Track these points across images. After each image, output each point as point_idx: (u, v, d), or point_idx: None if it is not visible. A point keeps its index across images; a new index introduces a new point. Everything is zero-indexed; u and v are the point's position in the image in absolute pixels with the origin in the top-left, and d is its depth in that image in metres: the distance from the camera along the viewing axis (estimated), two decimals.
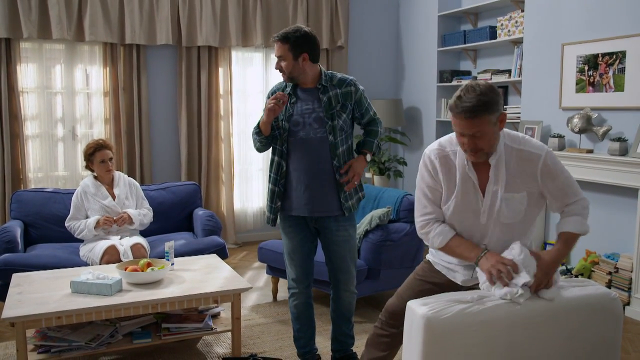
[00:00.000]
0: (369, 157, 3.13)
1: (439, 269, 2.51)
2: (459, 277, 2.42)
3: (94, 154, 4.08)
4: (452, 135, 2.34)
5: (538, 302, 2.14)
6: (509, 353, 2.09)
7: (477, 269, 2.24)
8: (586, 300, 2.19)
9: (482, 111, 2.11)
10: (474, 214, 2.32)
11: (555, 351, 2.16)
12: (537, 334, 2.12)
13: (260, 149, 3.06)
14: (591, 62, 4.53)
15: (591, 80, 4.54)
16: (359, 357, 3.27)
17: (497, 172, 2.26)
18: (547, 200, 2.31)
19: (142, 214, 4.20)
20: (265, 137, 2.97)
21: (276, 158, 3.02)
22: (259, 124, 2.95)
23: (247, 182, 6.40)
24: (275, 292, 4.46)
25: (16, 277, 3.40)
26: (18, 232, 4.09)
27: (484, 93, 2.11)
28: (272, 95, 2.98)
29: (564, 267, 4.71)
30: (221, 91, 6.03)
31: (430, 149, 2.39)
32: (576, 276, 4.50)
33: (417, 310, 2.06)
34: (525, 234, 2.36)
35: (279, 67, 2.93)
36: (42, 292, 3.13)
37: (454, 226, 2.37)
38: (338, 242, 3.08)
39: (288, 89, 3.00)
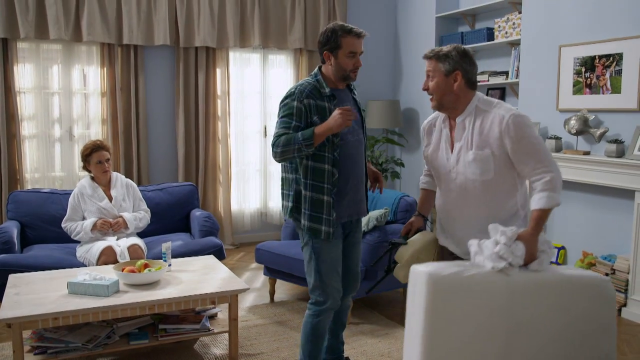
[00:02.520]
0: None
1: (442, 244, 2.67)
2: (452, 248, 2.61)
3: (91, 154, 4.08)
4: None
5: (530, 273, 2.25)
6: (508, 316, 2.18)
7: (470, 241, 2.32)
8: (579, 277, 2.33)
9: (433, 57, 2.49)
10: (444, 169, 2.52)
11: (551, 324, 2.24)
12: (534, 301, 2.22)
13: (290, 160, 2.78)
14: (588, 64, 4.54)
15: (588, 82, 4.56)
16: None
17: (463, 130, 2.45)
18: (515, 164, 2.39)
19: (139, 217, 4.20)
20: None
21: (327, 167, 2.75)
22: (311, 135, 2.63)
23: (245, 183, 6.40)
24: (272, 293, 4.46)
25: (13, 278, 3.39)
26: (15, 233, 4.09)
27: (450, 50, 2.47)
28: (304, 96, 2.73)
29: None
30: (219, 92, 6.03)
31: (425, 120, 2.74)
32: None
33: (420, 269, 2.18)
34: (501, 204, 2.44)
35: None
36: (38, 293, 3.12)
37: (437, 184, 2.63)
38: (355, 244, 3.07)
39: (327, 90, 2.80)
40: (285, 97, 2.78)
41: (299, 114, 2.72)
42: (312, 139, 2.64)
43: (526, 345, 2.21)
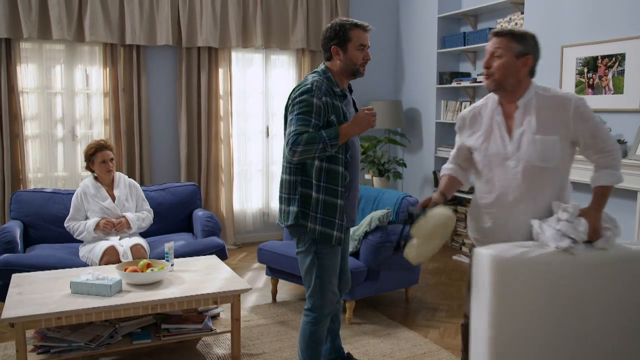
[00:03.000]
0: None
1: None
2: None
3: (95, 154, 4.09)
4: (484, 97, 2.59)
5: (595, 251, 2.23)
6: (574, 296, 2.18)
7: (532, 221, 2.32)
8: None
9: (508, 35, 2.37)
10: (500, 157, 2.42)
11: (618, 302, 2.24)
12: (600, 280, 2.21)
13: (308, 160, 2.67)
14: (590, 64, 4.54)
15: (590, 82, 4.55)
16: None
17: (525, 114, 2.38)
18: (580, 147, 2.39)
19: (142, 217, 4.20)
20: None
21: (341, 169, 2.68)
22: (337, 135, 2.60)
23: (247, 183, 6.40)
24: (274, 293, 4.47)
25: (16, 278, 3.40)
26: (18, 233, 4.09)
27: (526, 32, 2.40)
28: (322, 94, 2.65)
29: None
30: (221, 92, 6.03)
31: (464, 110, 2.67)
32: None
33: (484, 252, 2.18)
34: (558, 189, 2.41)
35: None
36: (41, 293, 3.13)
37: (485, 175, 2.49)
38: (347, 247, 3.07)
39: (338, 89, 2.75)
40: (302, 93, 2.64)
41: (318, 112, 2.62)
42: (338, 138, 2.59)
43: (593, 323, 2.21)
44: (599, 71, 4.48)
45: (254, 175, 6.44)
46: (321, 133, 2.59)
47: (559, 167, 2.39)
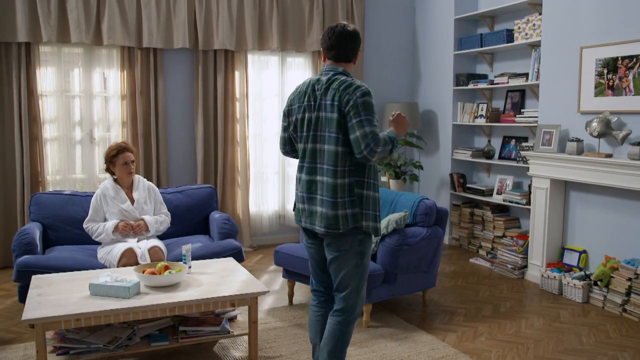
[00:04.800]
0: None
1: None
2: None
3: (117, 156, 4.11)
4: None
5: None
6: None
7: None
8: None
9: None
10: None
11: None
12: None
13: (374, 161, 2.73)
14: (610, 65, 4.48)
15: (610, 83, 4.50)
16: None
17: None
18: None
19: (160, 221, 4.22)
20: None
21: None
22: (396, 136, 2.70)
23: (263, 185, 6.41)
24: (291, 295, 4.46)
25: (36, 279, 3.43)
26: (37, 234, 4.13)
27: None
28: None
29: (582, 273, 4.66)
30: (237, 94, 6.05)
31: None
32: (595, 282, 4.45)
33: None
34: None
35: None
36: (61, 294, 3.15)
37: None
38: None
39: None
40: (364, 94, 2.60)
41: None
42: (396, 137, 2.70)
43: None
44: (619, 72, 4.42)
45: (270, 178, 6.44)
46: (389, 134, 2.66)
47: None
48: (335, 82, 2.67)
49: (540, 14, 5.19)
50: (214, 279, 3.48)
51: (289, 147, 2.93)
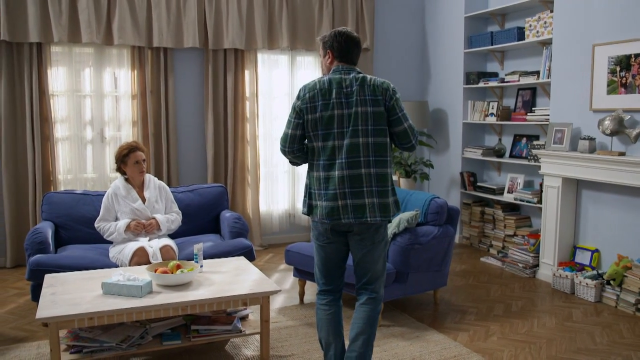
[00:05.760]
0: None
1: None
2: None
3: (128, 155, 4.12)
4: None
5: None
6: None
7: None
8: None
9: None
10: None
11: None
12: None
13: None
14: (623, 62, 4.45)
15: (623, 81, 4.46)
16: None
17: None
18: None
19: (171, 219, 4.23)
20: None
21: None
22: None
23: (273, 184, 6.42)
24: (302, 294, 4.46)
25: (49, 278, 3.45)
26: (49, 233, 4.15)
27: None
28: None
29: (594, 272, 4.63)
30: (247, 93, 6.05)
31: None
32: (608, 282, 4.42)
33: None
34: None
35: None
36: (74, 293, 3.16)
37: None
38: None
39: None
40: (395, 91, 2.85)
41: None
42: None
43: None
44: (632, 70, 4.39)
45: (280, 177, 6.45)
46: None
47: None
48: (367, 79, 2.83)
49: (551, 11, 5.16)
50: (225, 278, 3.48)
51: (298, 145, 2.89)
